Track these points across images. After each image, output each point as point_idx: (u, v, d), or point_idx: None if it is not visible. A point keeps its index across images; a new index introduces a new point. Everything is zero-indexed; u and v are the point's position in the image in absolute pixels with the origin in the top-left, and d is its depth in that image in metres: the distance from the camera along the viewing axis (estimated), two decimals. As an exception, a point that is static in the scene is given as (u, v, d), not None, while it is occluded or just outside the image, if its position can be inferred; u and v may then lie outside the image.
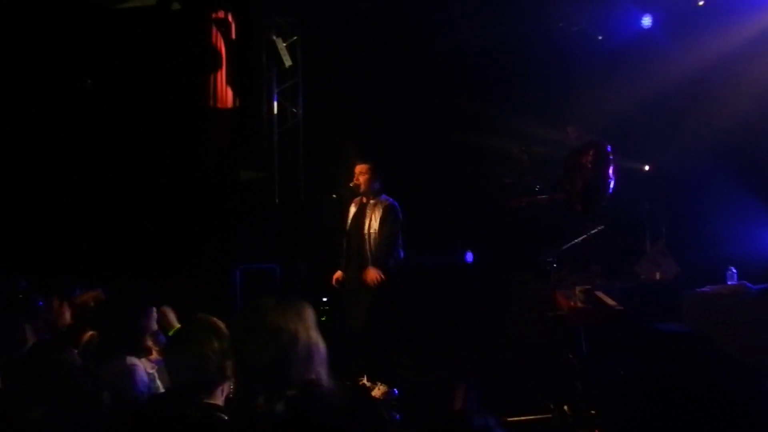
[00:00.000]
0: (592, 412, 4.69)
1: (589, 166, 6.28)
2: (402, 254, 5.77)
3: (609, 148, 6.50)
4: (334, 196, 5.78)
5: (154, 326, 3.59)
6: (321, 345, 2.35)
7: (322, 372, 2.33)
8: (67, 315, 4.46)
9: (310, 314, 2.40)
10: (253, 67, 7.68)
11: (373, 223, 5.65)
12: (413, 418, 4.97)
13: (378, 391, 5.55)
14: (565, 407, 4.89)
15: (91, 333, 3.82)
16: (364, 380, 5.73)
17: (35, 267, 5.54)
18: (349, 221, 5.76)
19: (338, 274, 5.91)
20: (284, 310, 2.38)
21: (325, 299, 6.65)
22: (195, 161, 7.14)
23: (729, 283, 6.13)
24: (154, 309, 3.58)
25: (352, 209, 5.78)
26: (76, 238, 6.40)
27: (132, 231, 6.63)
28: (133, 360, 3.23)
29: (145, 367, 3.25)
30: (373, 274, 5.54)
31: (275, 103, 7.93)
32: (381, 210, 5.67)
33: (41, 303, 4.31)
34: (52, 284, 4.94)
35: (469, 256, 8.00)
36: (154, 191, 6.88)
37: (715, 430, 4.12)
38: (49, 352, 3.00)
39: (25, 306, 4.26)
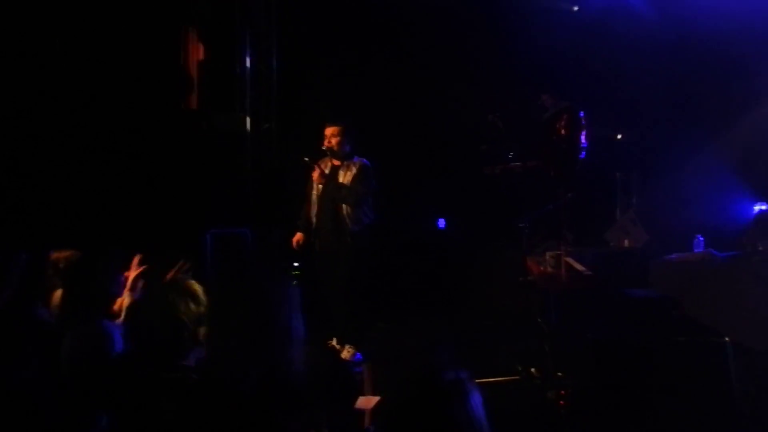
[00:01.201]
0: (559, 374, 4.75)
1: (563, 132, 6.28)
2: (374, 216, 5.73)
3: (582, 113, 6.51)
4: (306, 159, 5.68)
5: (122, 291, 3.56)
6: (300, 325, 2.28)
7: (298, 353, 2.26)
8: None
9: (294, 292, 2.34)
10: (226, 23, 7.52)
11: (346, 181, 5.59)
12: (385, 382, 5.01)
13: (346, 353, 5.60)
14: (533, 370, 4.96)
15: (60, 292, 3.80)
16: (334, 342, 5.76)
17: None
18: (320, 185, 5.68)
19: (298, 236, 5.86)
20: (268, 285, 2.32)
21: (296, 264, 6.63)
22: (166, 122, 6.99)
23: (696, 251, 6.24)
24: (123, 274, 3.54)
25: (324, 172, 5.69)
26: (40, 201, 6.26)
27: (99, 193, 6.49)
28: (106, 322, 3.19)
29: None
30: None
31: (248, 62, 7.78)
32: (354, 169, 5.61)
33: None
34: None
35: (441, 222, 8.03)
36: (123, 153, 6.74)
37: (680, 394, 4.19)
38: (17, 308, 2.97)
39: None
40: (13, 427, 2.61)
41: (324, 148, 5.63)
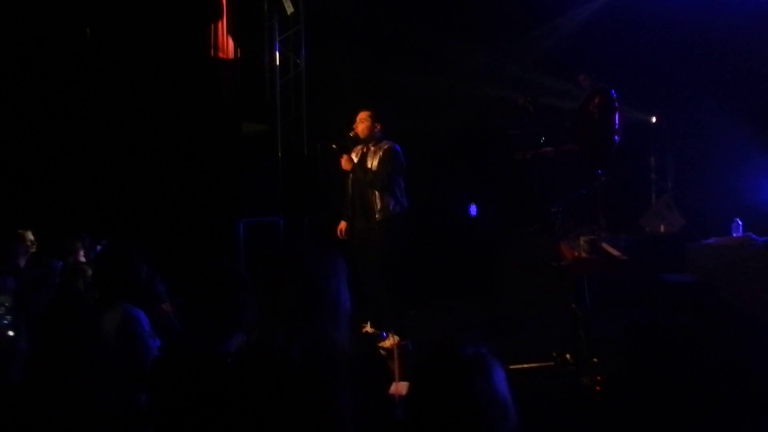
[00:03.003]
0: (595, 360, 4.70)
1: (596, 113, 6.19)
2: (406, 202, 5.69)
3: (614, 93, 6.40)
4: (334, 146, 5.66)
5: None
6: (348, 302, 2.27)
7: (343, 330, 2.26)
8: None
9: (342, 267, 2.32)
10: (254, 16, 7.53)
11: (373, 166, 5.57)
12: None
13: (390, 342, 5.54)
14: (568, 356, 4.91)
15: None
16: (368, 327, 5.74)
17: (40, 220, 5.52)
18: (351, 170, 5.66)
19: (342, 224, 5.85)
20: (318, 259, 2.30)
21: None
22: (197, 113, 7.04)
23: (734, 235, 6.11)
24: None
25: (354, 158, 5.67)
26: (76, 190, 6.36)
27: (136, 184, 6.57)
28: (134, 308, 3.25)
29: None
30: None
31: (277, 53, 7.79)
32: (381, 152, 5.58)
33: None
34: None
35: (473, 209, 7.95)
36: (157, 144, 6.81)
37: (718, 380, 4.13)
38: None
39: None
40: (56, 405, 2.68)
41: (352, 134, 5.60)
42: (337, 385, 2.06)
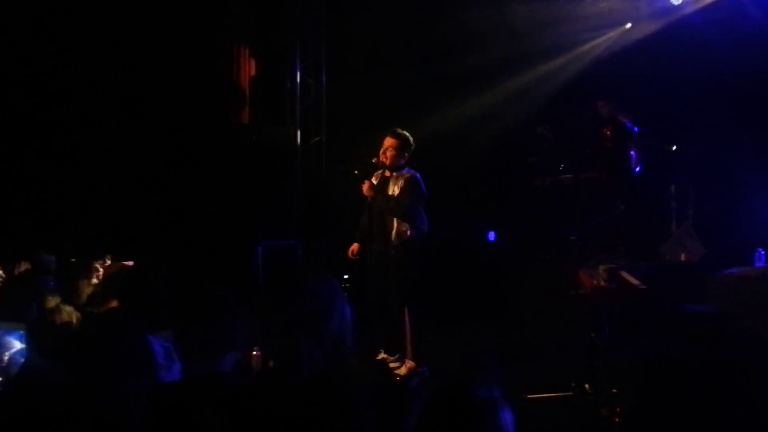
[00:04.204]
0: (614, 390, 4.64)
1: (608, 144, 6.19)
2: (427, 228, 5.66)
3: (628, 124, 6.39)
4: (356, 172, 5.67)
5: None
6: (350, 315, 2.42)
7: (349, 341, 2.41)
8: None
9: (339, 285, 2.48)
10: (276, 41, 7.62)
11: (395, 193, 5.57)
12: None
13: (404, 369, 5.50)
14: (587, 386, 4.82)
15: (114, 303, 3.86)
16: (383, 354, 5.70)
17: (56, 240, 5.55)
18: (372, 197, 5.65)
19: (355, 246, 5.84)
20: (321, 277, 2.45)
21: (346, 276, 6.62)
22: (217, 135, 7.10)
23: (757, 264, 6.04)
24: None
25: (374, 182, 5.65)
26: (97, 213, 6.40)
27: (154, 207, 6.61)
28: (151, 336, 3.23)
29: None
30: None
31: (298, 77, 7.87)
32: (402, 181, 5.58)
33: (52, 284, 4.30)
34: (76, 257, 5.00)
35: (492, 235, 7.93)
36: (176, 167, 6.86)
37: (741, 414, 4.05)
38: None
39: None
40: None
41: (375, 160, 5.61)
42: (360, 391, 2.09)
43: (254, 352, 3.30)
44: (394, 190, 5.58)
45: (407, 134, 5.64)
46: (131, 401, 2.76)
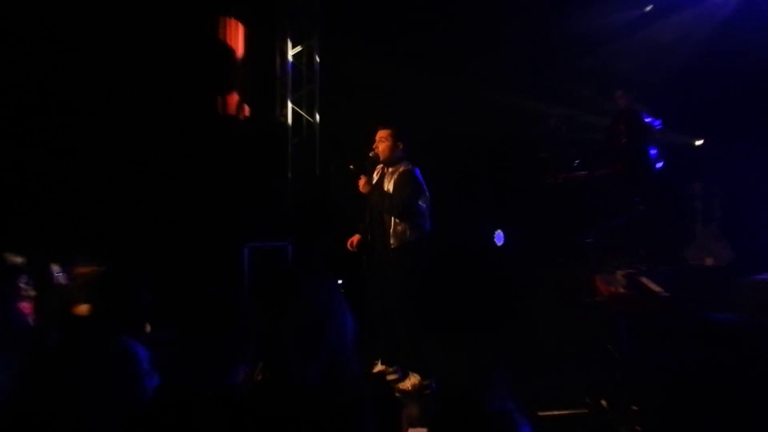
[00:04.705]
0: (634, 407, 4.41)
1: (624, 140, 5.95)
2: (428, 227, 5.29)
3: (646, 117, 6.14)
4: (352, 167, 5.34)
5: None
6: (352, 323, 2.24)
7: (350, 353, 2.23)
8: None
9: (338, 288, 2.31)
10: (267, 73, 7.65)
11: (389, 189, 5.21)
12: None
13: (410, 383, 5.18)
14: (603, 402, 4.64)
15: (85, 307, 3.68)
16: (379, 366, 5.38)
17: (32, 241, 5.36)
18: (369, 194, 5.32)
19: (355, 237, 5.49)
20: (317, 281, 2.28)
21: (340, 281, 6.33)
22: (202, 124, 6.93)
23: (790, 270, 5.73)
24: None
25: (375, 178, 5.35)
26: (77, 213, 6.21)
27: (136, 207, 6.42)
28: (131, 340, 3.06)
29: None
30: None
31: (289, 64, 7.86)
32: (396, 175, 5.23)
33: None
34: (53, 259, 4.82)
35: (500, 237, 7.70)
36: (160, 168, 6.66)
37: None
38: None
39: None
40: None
41: (371, 154, 5.27)
42: (360, 408, 2.03)
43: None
44: (389, 186, 5.24)
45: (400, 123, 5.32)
46: (117, 412, 2.57)
